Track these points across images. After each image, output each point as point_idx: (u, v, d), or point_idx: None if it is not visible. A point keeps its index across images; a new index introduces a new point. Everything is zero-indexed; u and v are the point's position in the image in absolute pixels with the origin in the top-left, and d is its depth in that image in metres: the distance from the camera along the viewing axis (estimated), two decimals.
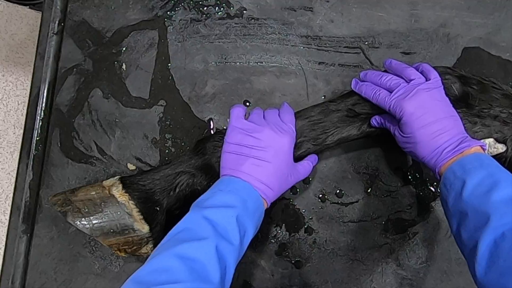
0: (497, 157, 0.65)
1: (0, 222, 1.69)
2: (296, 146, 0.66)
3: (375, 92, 0.64)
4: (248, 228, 0.57)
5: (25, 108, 1.73)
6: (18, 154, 1.69)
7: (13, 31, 1.78)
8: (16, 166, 1.71)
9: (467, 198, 0.53)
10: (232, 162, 0.61)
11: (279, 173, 0.61)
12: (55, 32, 0.76)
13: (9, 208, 1.67)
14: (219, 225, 0.54)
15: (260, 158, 0.60)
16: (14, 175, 1.70)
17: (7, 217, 1.67)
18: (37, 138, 0.74)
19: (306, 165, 0.66)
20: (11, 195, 1.69)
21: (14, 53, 1.77)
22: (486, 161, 0.56)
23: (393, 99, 0.61)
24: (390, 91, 0.63)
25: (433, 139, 0.59)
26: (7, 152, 1.73)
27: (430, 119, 0.59)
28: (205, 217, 0.54)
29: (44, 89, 0.75)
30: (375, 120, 0.66)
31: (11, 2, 1.47)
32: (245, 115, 0.64)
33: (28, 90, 1.74)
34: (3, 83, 1.75)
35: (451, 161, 0.58)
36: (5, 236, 1.65)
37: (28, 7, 1.51)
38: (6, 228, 1.67)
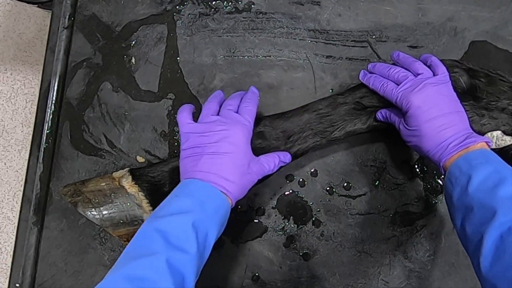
0: (505, 150, 0.65)
1: (8, 219, 1.71)
2: (303, 138, 0.67)
3: (382, 84, 0.64)
4: (209, 231, 0.55)
5: (33, 106, 1.74)
6: (26, 152, 1.71)
7: (21, 30, 1.79)
8: (24, 163, 1.72)
9: (473, 192, 0.54)
10: (188, 165, 0.60)
11: (238, 163, 0.59)
12: (65, 27, 0.77)
13: (17, 206, 1.69)
14: (171, 236, 0.51)
15: (214, 152, 0.59)
16: (22, 173, 1.72)
17: (15, 214, 1.69)
18: (48, 131, 0.75)
19: (270, 158, 0.64)
20: (19, 192, 1.71)
21: (22, 52, 1.79)
22: (492, 157, 0.57)
23: (400, 91, 0.62)
24: (398, 83, 0.63)
25: (439, 133, 0.59)
26: (15, 150, 1.74)
27: (436, 113, 0.60)
28: (157, 229, 0.52)
29: (55, 83, 0.75)
30: (381, 114, 0.67)
31: (19, 0, 1.48)
32: (193, 114, 0.64)
33: (36, 89, 1.76)
34: (11, 81, 1.77)
35: (456, 156, 0.58)
36: (13, 233, 1.66)
37: (36, 5, 1.53)
38: (14, 225, 1.68)
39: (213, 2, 0.77)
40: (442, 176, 0.72)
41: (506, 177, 0.53)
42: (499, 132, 0.65)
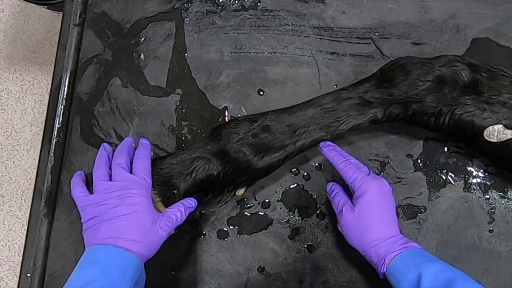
0: (506, 143, 0.66)
1: (16, 217, 1.73)
2: (308, 132, 0.69)
3: (344, 160, 0.67)
4: None
5: (42, 106, 1.77)
6: (34, 151, 1.73)
7: (30, 32, 1.82)
8: (32, 163, 1.74)
9: None
10: (89, 236, 0.60)
11: (140, 223, 0.60)
12: (76, 24, 0.79)
13: (25, 204, 1.71)
14: None
15: (113, 217, 0.59)
16: (30, 172, 1.74)
17: (23, 212, 1.72)
18: (59, 126, 0.76)
19: (175, 208, 0.64)
20: (27, 191, 1.73)
21: (31, 52, 1.82)
22: (432, 256, 0.61)
23: (361, 173, 0.65)
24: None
25: (389, 228, 0.63)
26: (23, 149, 1.76)
27: (390, 206, 0.65)
28: None
29: (66, 79, 0.77)
30: (329, 187, 0.69)
31: (29, 1, 1.51)
32: (86, 177, 0.66)
33: (45, 89, 1.79)
34: (20, 82, 1.80)
35: (398, 253, 0.61)
36: (21, 231, 1.68)
37: (45, 7, 1.55)
38: (22, 223, 1.70)
39: (220, 0, 0.79)
40: (445, 170, 0.73)
41: (454, 277, 0.56)
42: (500, 126, 0.66)
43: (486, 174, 0.73)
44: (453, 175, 0.73)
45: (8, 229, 1.72)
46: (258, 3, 0.78)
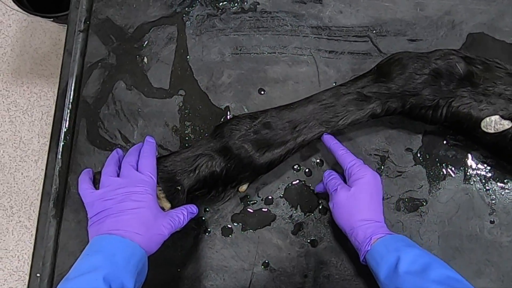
0: (504, 134, 0.67)
1: (25, 228, 1.75)
2: (308, 128, 0.70)
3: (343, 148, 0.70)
4: (125, 281, 0.56)
5: (49, 118, 1.80)
6: (42, 162, 1.75)
7: (37, 45, 1.86)
8: (40, 173, 1.76)
9: (404, 274, 0.58)
10: (94, 229, 0.62)
11: (143, 218, 0.61)
12: (81, 30, 0.81)
13: (34, 215, 1.73)
14: None
15: (119, 211, 0.61)
16: (39, 182, 1.76)
17: (32, 223, 1.73)
18: (65, 129, 0.78)
19: (178, 211, 0.66)
20: (36, 201, 1.75)
21: (38, 65, 1.85)
22: (411, 242, 0.63)
23: (359, 162, 0.69)
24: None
25: (378, 212, 0.67)
26: (31, 160, 1.79)
27: (379, 194, 0.68)
28: None
29: (72, 83, 0.79)
30: (327, 173, 0.72)
31: (35, 15, 1.55)
32: (94, 175, 0.67)
33: (52, 101, 1.82)
34: (28, 94, 1.83)
35: (382, 236, 0.63)
36: (30, 241, 1.70)
37: (51, 20, 1.59)
38: (31, 233, 1.72)
39: (220, 3, 0.81)
40: (444, 163, 0.74)
41: (431, 262, 0.58)
42: (497, 116, 0.67)
43: (486, 165, 0.74)
44: (452, 168, 0.74)
45: (17, 240, 1.74)
46: (257, 5, 0.80)
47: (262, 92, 0.78)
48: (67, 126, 0.79)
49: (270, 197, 0.75)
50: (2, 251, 1.73)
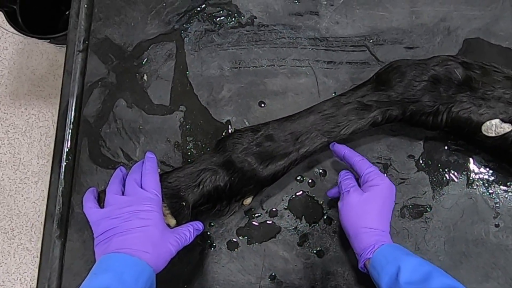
0: (505, 137, 0.68)
1: (26, 250, 1.74)
2: (310, 139, 0.70)
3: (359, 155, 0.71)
4: None
5: (48, 138, 1.80)
6: (42, 183, 1.74)
7: (34, 66, 1.87)
8: (40, 195, 1.75)
9: (405, 285, 0.57)
10: (101, 249, 0.61)
11: (150, 236, 0.61)
12: (80, 50, 0.82)
13: (35, 236, 1.72)
14: None
15: (126, 230, 0.60)
16: (39, 204, 1.76)
17: (34, 245, 1.72)
18: (67, 149, 0.78)
19: (185, 228, 0.66)
20: (37, 223, 1.75)
21: (35, 87, 1.86)
22: (408, 251, 0.63)
23: (377, 170, 0.69)
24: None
25: (387, 221, 0.66)
26: (31, 182, 1.79)
27: (391, 209, 0.67)
28: None
29: (73, 103, 0.80)
30: (343, 172, 0.72)
31: (32, 37, 1.56)
32: (98, 194, 0.67)
33: (50, 122, 1.82)
34: (26, 116, 1.83)
35: (380, 246, 0.63)
36: (32, 263, 1.68)
37: (48, 41, 1.60)
38: (33, 256, 1.71)
39: (218, 19, 0.82)
40: (447, 169, 0.74)
41: (431, 271, 0.58)
42: (497, 120, 0.68)
43: (488, 169, 0.74)
44: (455, 173, 0.75)
45: (19, 262, 1.73)
46: (254, 19, 0.81)
47: (263, 105, 0.79)
48: (68, 146, 0.79)
49: (274, 209, 0.75)
50: (4, 275, 1.72)
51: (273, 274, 0.74)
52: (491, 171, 0.74)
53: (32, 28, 1.61)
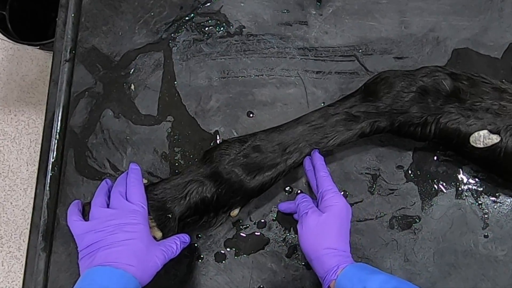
0: (493, 148, 0.67)
1: (15, 258, 1.72)
2: (298, 149, 0.70)
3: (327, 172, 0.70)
4: None
5: (37, 145, 1.78)
6: (31, 190, 1.73)
7: (24, 73, 1.85)
8: (30, 202, 1.74)
9: None
10: (85, 263, 0.60)
11: (135, 249, 0.60)
12: (67, 60, 0.81)
13: (24, 244, 1.70)
14: None
15: (110, 244, 0.60)
16: (28, 211, 1.74)
17: (22, 253, 1.71)
18: (53, 160, 0.77)
19: (171, 240, 0.65)
20: (26, 231, 1.73)
21: (25, 93, 1.84)
22: (375, 269, 0.62)
23: (336, 189, 0.68)
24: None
25: (346, 243, 0.66)
26: (20, 189, 1.77)
27: (348, 229, 0.67)
28: None
29: (59, 113, 0.79)
30: (300, 196, 0.71)
31: (21, 43, 1.54)
32: (82, 210, 0.66)
33: (40, 128, 1.80)
34: (15, 122, 1.82)
35: (342, 268, 0.62)
36: (20, 271, 1.67)
37: (38, 47, 1.59)
38: (21, 264, 1.69)
39: (206, 28, 0.81)
40: (436, 179, 0.74)
41: (398, 286, 0.58)
42: (485, 131, 0.67)
43: (477, 180, 0.74)
44: (444, 183, 0.74)
45: (8, 271, 1.71)
46: (243, 29, 0.81)
47: (251, 115, 0.78)
48: (54, 156, 0.78)
49: (262, 221, 0.75)
50: None
51: (261, 286, 0.73)
52: (480, 182, 0.74)
53: (21, 34, 1.60)
